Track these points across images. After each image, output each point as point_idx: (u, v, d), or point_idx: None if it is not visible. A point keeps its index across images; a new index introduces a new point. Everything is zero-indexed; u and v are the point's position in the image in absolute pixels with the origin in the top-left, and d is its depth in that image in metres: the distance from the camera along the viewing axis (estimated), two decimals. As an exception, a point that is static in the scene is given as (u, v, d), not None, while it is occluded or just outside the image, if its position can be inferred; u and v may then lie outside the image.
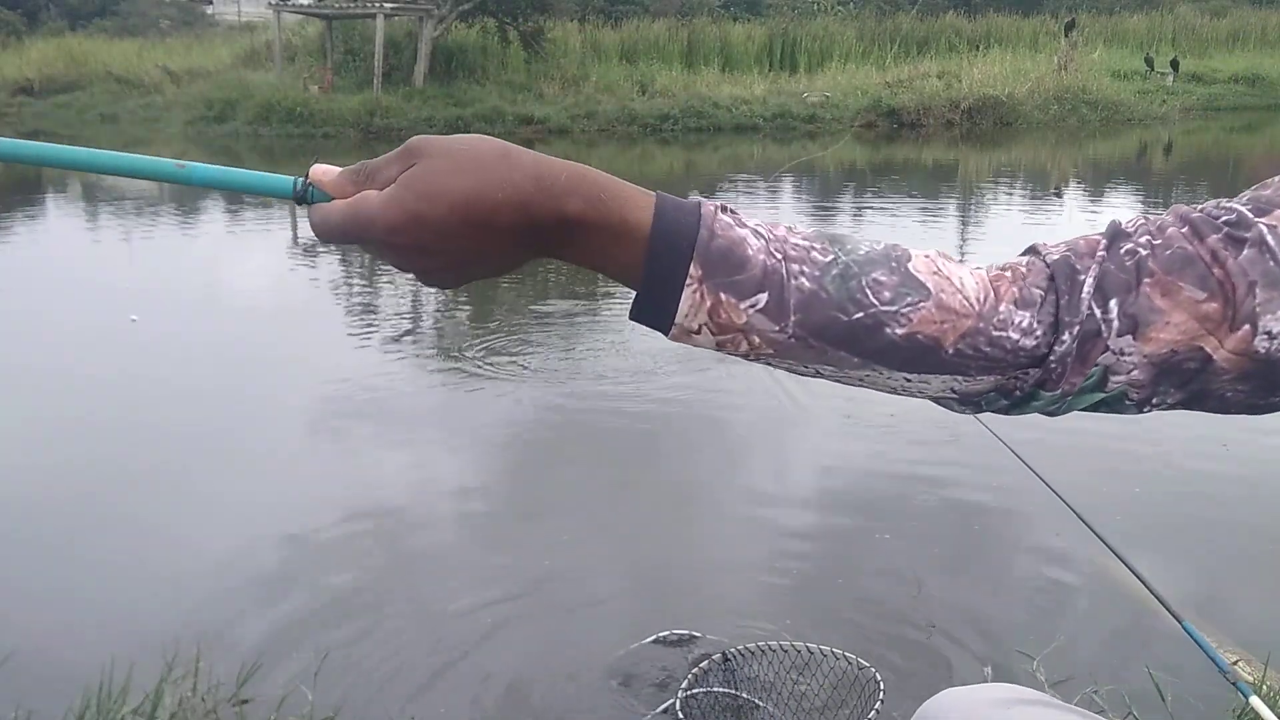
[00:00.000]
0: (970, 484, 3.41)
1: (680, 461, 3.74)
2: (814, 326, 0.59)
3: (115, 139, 15.43)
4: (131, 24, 26.16)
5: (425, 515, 3.26)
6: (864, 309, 0.59)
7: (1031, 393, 0.62)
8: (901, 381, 0.62)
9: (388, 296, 6.43)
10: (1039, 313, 0.61)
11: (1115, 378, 0.61)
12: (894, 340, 0.60)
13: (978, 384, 0.62)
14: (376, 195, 0.58)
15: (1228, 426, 3.96)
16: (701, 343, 0.61)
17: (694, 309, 0.59)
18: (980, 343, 0.61)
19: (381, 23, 15.83)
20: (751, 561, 2.98)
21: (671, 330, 0.61)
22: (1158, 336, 0.59)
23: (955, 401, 0.65)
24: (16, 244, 8.31)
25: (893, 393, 0.64)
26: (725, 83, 17.77)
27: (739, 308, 0.59)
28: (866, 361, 0.61)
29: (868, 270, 0.60)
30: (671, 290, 0.59)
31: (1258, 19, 23.33)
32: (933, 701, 0.93)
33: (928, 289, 0.60)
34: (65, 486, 3.54)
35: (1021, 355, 0.61)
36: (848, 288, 0.60)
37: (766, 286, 0.59)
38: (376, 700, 2.28)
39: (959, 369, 0.61)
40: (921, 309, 0.60)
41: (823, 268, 0.60)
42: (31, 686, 2.27)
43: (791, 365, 0.62)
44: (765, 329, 0.59)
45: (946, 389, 0.63)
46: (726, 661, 2.16)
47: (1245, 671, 2.29)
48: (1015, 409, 0.65)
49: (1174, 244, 0.60)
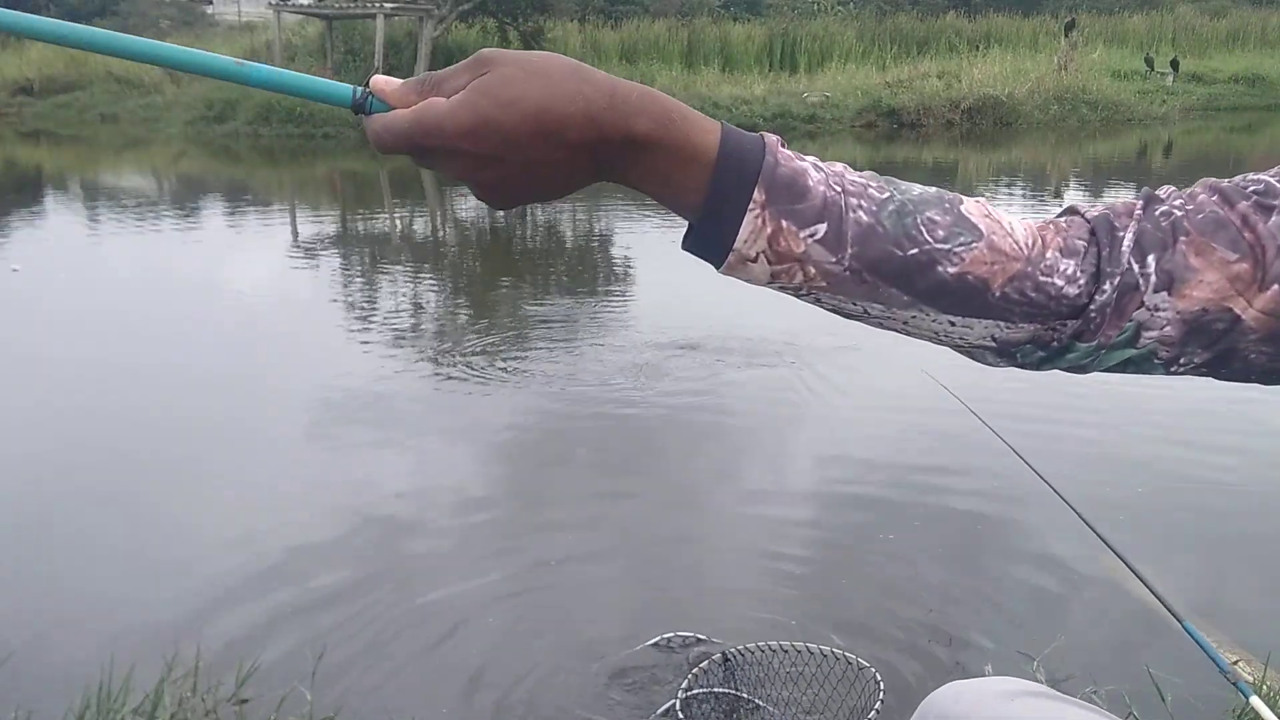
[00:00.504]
0: (970, 484, 3.41)
1: (681, 463, 3.74)
2: (869, 260, 0.60)
3: (115, 139, 15.43)
4: (131, 24, 26.15)
5: (425, 516, 3.25)
6: (919, 245, 0.61)
7: (1068, 345, 0.64)
8: (945, 325, 0.63)
9: (388, 297, 6.43)
10: (1082, 262, 0.63)
11: (1147, 334, 0.63)
12: (945, 279, 0.61)
13: (1017, 332, 0.64)
14: (445, 101, 0.57)
15: (1230, 427, 3.97)
16: (755, 273, 0.62)
17: (754, 235, 0.59)
18: (1027, 287, 0.62)
19: (381, 23, 15.83)
20: (752, 562, 2.98)
21: (728, 258, 0.61)
22: (1191, 294, 0.62)
23: (992, 352, 0.66)
24: (17, 244, 8.30)
25: (934, 339, 0.65)
26: (725, 83, 17.77)
27: (798, 236, 0.59)
28: (915, 301, 0.62)
29: (922, 209, 0.62)
30: (733, 215, 0.59)
31: (1258, 19, 23.34)
32: (939, 693, 0.93)
33: (980, 230, 0.62)
34: (65, 486, 3.54)
35: (1064, 303, 0.63)
36: (903, 224, 0.61)
37: (826, 217, 0.60)
38: (376, 700, 2.28)
39: (1003, 314, 0.63)
40: (974, 249, 0.61)
41: (879, 204, 0.61)
42: (31, 686, 2.27)
43: (840, 303, 0.63)
44: (822, 260, 0.60)
45: (988, 336, 0.64)
46: (726, 662, 2.16)
47: (1245, 671, 2.29)
48: (1049, 362, 0.66)
49: (1206, 209, 0.63)
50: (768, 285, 0.63)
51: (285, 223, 9.72)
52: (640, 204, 10.26)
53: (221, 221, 9.65)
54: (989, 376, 4.31)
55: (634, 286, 6.70)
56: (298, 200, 11.02)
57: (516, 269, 7.45)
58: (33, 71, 17.79)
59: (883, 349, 4.86)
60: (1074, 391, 4.32)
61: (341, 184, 12.13)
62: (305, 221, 9.58)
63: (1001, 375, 4.56)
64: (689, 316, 5.48)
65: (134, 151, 14.64)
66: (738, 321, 5.37)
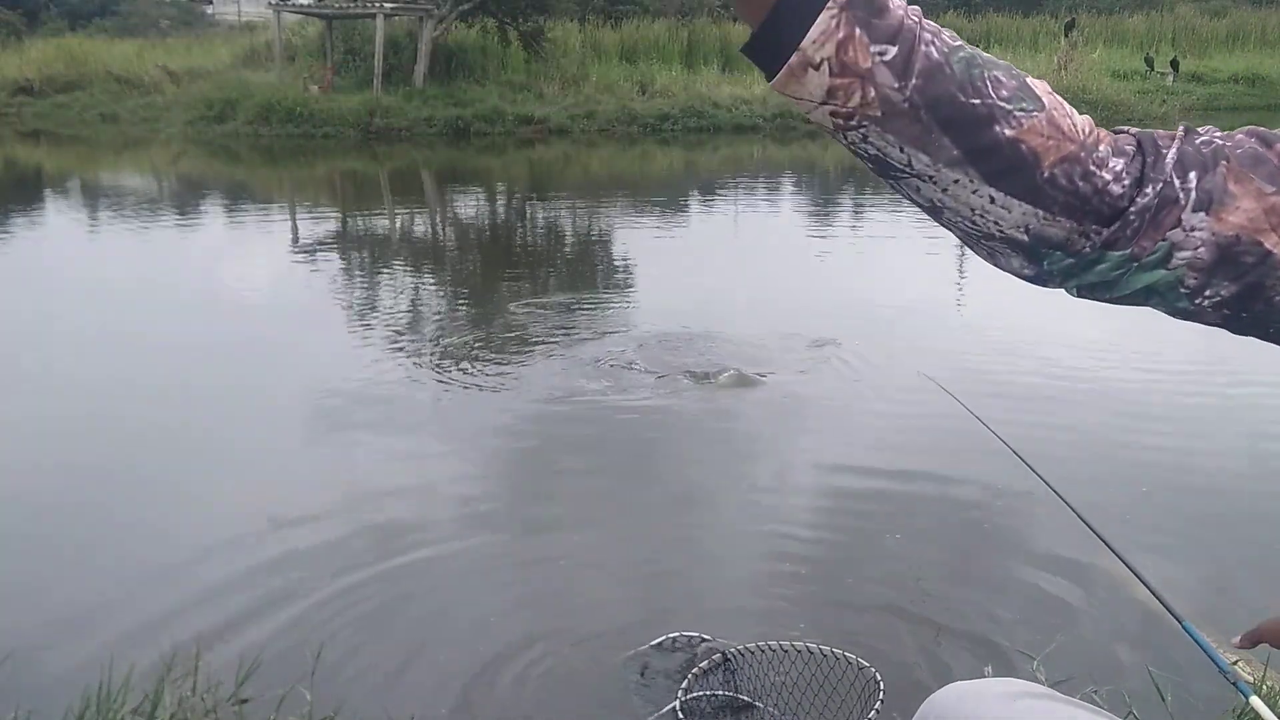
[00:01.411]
0: (971, 486, 3.41)
1: (682, 464, 3.73)
2: (931, 97, 0.59)
3: (115, 138, 15.43)
4: (131, 24, 26.18)
5: (425, 517, 3.25)
6: (982, 97, 0.60)
7: (1099, 254, 0.63)
8: (985, 201, 0.62)
9: (388, 297, 6.43)
10: (1129, 164, 0.63)
11: (1180, 254, 0.63)
12: (999, 141, 0.60)
13: (1054, 226, 0.63)
14: None
15: (1233, 429, 3.97)
16: (810, 86, 0.59)
17: (825, 36, 0.57)
18: (1075, 173, 0.62)
19: (381, 23, 15.83)
20: (753, 563, 2.98)
21: (789, 61, 0.58)
22: (1228, 219, 0.62)
23: (1022, 251, 0.65)
24: (16, 244, 8.30)
25: (968, 222, 0.64)
26: (725, 83, 17.77)
27: (868, 49, 0.58)
28: (964, 159, 0.61)
29: (991, 67, 0.61)
30: (809, 7, 0.57)
31: (1257, 19, 23.34)
32: (940, 694, 0.93)
33: (1043, 102, 0.62)
34: (65, 486, 3.54)
35: (1105, 201, 0.62)
36: (970, 73, 0.60)
37: (898, 41, 0.58)
38: (375, 700, 2.27)
39: (1045, 200, 0.62)
40: (1035, 117, 0.61)
41: (951, 48, 0.60)
42: (31, 686, 2.27)
43: (886, 146, 0.61)
44: (885, 82, 0.59)
45: (1023, 225, 0.63)
46: (727, 662, 2.16)
47: (1245, 671, 2.29)
48: (1076, 273, 0.65)
49: (1245, 145, 0.64)
50: (818, 107, 0.60)
51: (285, 223, 9.72)
52: (641, 204, 10.26)
53: (221, 222, 9.65)
54: (987, 376, 4.30)
55: (634, 287, 6.70)
56: (297, 200, 11.02)
57: (517, 269, 7.44)
58: (33, 71, 17.79)
59: (884, 351, 4.86)
60: (1076, 390, 4.32)
61: (341, 184, 12.13)
62: (305, 221, 9.57)
63: (1000, 373, 4.53)
64: (690, 316, 5.48)
65: (134, 151, 14.63)
66: (738, 322, 5.37)
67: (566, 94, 16.54)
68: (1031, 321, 5.44)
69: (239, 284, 6.82)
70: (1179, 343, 4.87)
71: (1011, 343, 5.00)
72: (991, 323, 5.55)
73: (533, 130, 15.33)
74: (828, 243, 8.44)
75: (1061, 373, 4.55)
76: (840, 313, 5.64)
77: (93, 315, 5.85)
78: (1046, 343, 4.98)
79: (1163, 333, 5.16)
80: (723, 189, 11.64)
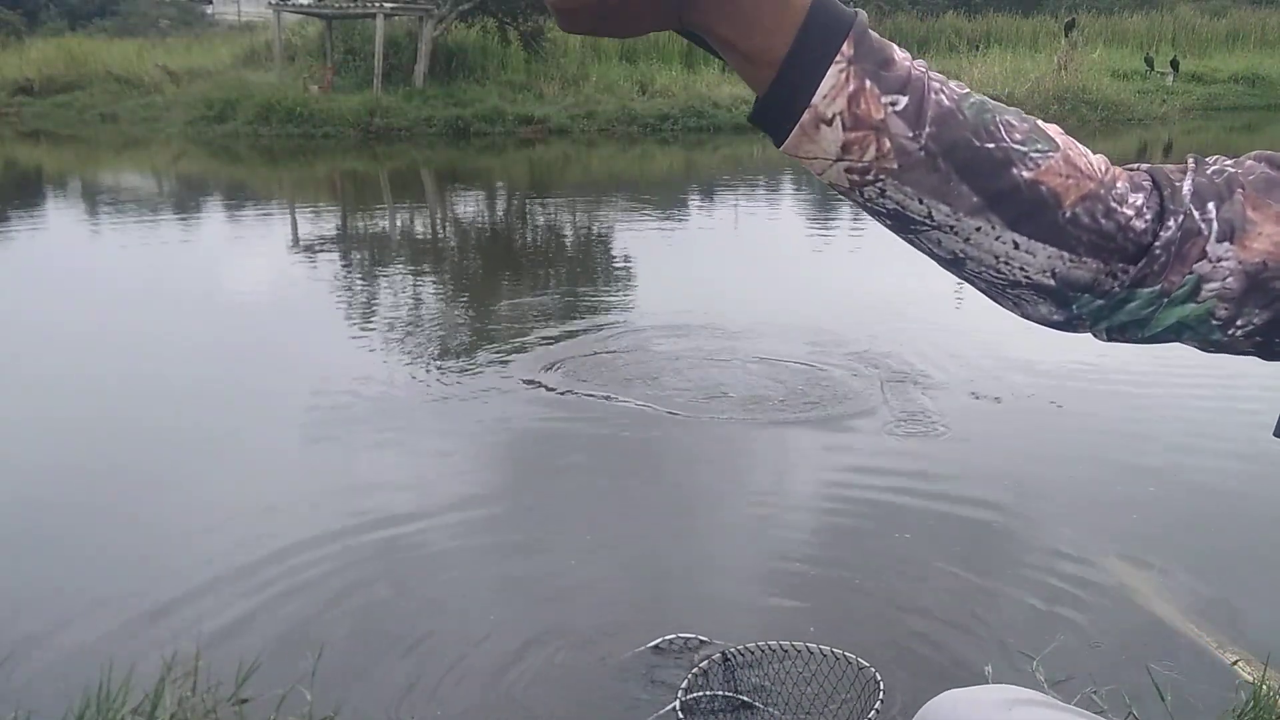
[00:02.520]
0: (971, 486, 3.40)
1: (682, 465, 3.73)
2: (947, 143, 0.59)
3: (115, 138, 15.43)
4: (131, 24, 26.18)
5: (425, 517, 3.25)
6: (996, 141, 0.60)
7: (1129, 293, 0.63)
8: (1009, 248, 0.61)
9: (388, 297, 6.43)
10: (1148, 199, 0.63)
11: (1208, 286, 0.62)
12: (1019, 184, 0.60)
13: (1080, 268, 0.62)
14: None
15: (1237, 434, 3.97)
16: (825, 143, 0.59)
17: (836, 91, 0.58)
18: (1098, 211, 0.61)
19: (381, 23, 15.83)
20: (753, 563, 2.98)
21: (800, 120, 0.58)
22: (1252, 246, 0.61)
23: (1050, 296, 0.64)
24: (16, 244, 8.30)
25: (992, 272, 0.63)
26: (725, 82, 17.75)
27: (880, 101, 0.58)
28: (985, 206, 0.60)
29: (1001, 112, 0.61)
30: (818, 64, 0.58)
31: (1257, 19, 23.34)
32: (934, 703, 0.93)
33: (1056, 143, 0.61)
34: (65, 486, 3.54)
35: (1130, 237, 0.62)
36: (982, 118, 0.60)
37: (908, 91, 0.58)
38: (375, 700, 2.28)
39: (1070, 241, 0.61)
40: (1051, 158, 0.61)
41: (960, 95, 0.60)
42: (31, 686, 2.27)
43: (905, 199, 0.60)
44: (900, 132, 0.58)
45: (1049, 269, 0.62)
46: (726, 662, 2.16)
47: (1245, 671, 2.29)
48: (1107, 314, 0.64)
49: (1256, 171, 0.64)
50: (832, 164, 0.60)
51: (285, 223, 9.72)
52: (640, 205, 10.27)
53: (221, 222, 9.65)
54: (989, 374, 4.29)
55: (635, 285, 6.69)
56: (297, 200, 11.02)
57: (517, 269, 7.44)
58: (33, 71, 17.81)
59: (886, 347, 4.86)
60: (1080, 388, 4.32)
61: (341, 184, 12.13)
62: (305, 222, 9.57)
63: (1001, 372, 4.53)
64: (692, 317, 5.48)
65: (134, 151, 14.63)
66: (738, 318, 5.37)
67: (566, 94, 16.54)
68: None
69: (238, 284, 6.82)
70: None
71: (1012, 341, 5.00)
72: (994, 319, 5.55)
73: (533, 130, 15.33)
74: (824, 243, 8.45)
75: (1067, 369, 4.55)
76: (840, 310, 5.64)
77: (92, 315, 5.85)
78: (1049, 340, 4.98)
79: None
80: (723, 189, 11.64)
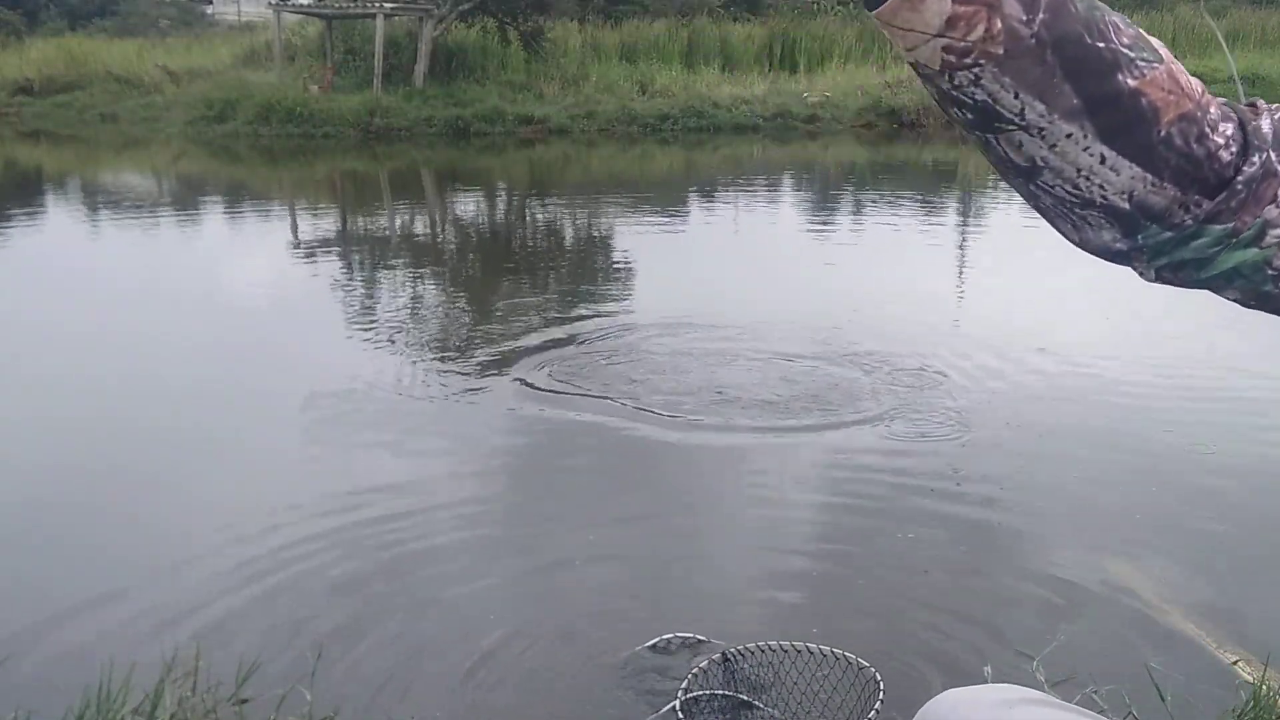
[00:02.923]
0: (972, 486, 3.40)
1: (683, 465, 3.73)
2: (1059, 34, 0.56)
3: (115, 138, 15.42)
4: (131, 24, 26.17)
5: (426, 516, 3.25)
6: (1106, 41, 0.57)
7: (1198, 229, 0.61)
8: (1094, 161, 0.59)
9: (388, 297, 6.42)
10: (1236, 130, 0.62)
11: (1273, 232, 0.61)
12: (1121, 91, 0.58)
13: (1159, 194, 0.60)
14: None
15: (1241, 432, 3.97)
16: (929, 14, 0.55)
17: None
18: (1191, 135, 0.60)
19: (381, 23, 15.83)
20: (753, 564, 2.98)
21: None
22: None
23: (1121, 221, 0.62)
24: (16, 244, 8.30)
25: (1068, 188, 0.61)
26: (725, 83, 17.76)
27: None
28: (1082, 111, 0.58)
29: (1108, 12, 0.59)
30: None
31: (1257, 19, 23.33)
32: (935, 702, 0.93)
33: (1161, 55, 0.60)
34: (65, 486, 3.54)
35: (1214, 169, 0.60)
36: (1093, 15, 0.58)
37: None
38: (375, 700, 2.28)
39: (1157, 162, 0.60)
40: (1156, 69, 0.59)
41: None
42: (31, 686, 2.27)
43: (998, 92, 0.57)
44: (1013, 14, 0.55)
45: (1129, 190, 0.60)
46: (726, 662, 2.16)
47: (1245, 671, 2.29)
48: (1170, 249, 0.62)
49: None
50: (929, 40, 0.56)
51: (285, 223, 9.72)
52: (640, 205, 10.26)
53: (221, 222, 9.65)
54: (993, 372, 4.29)
55: (635, 287, 6.69)
56: (297, 200, 11.02)
57: (517, 268, 7.44)
58: (33, 71, 17.80)
59: (888, 344, 4.86)
60: (1081, 388, 4.32)
61: (341, 184, 12.13)
62: (305, 222, 9.57)
63: (1005, 370, 4.52)
64: (692, 317, 5.48)
65: (134, 151, 14.63)
66: (737, 316, 5.37)
67: (566, 94, 16.54)
68: (1036, 317, 5.44)
69: (238, 284, 6.82)
70: (1182, 338, 4.87)
71: (1012, 341, 5.00)
72: (996, 319, 5.55)
73: (533, 130, 15.33)
74: (823, 243, 8.45)
75: (1068, 369, 4.55)
76: (840, 311, 5.63)
77: (91, 315, 5.85)
78: (1051, 340, 4.98)
79: (1165, 333, 5.17)
80: (723, 188, 11.64)
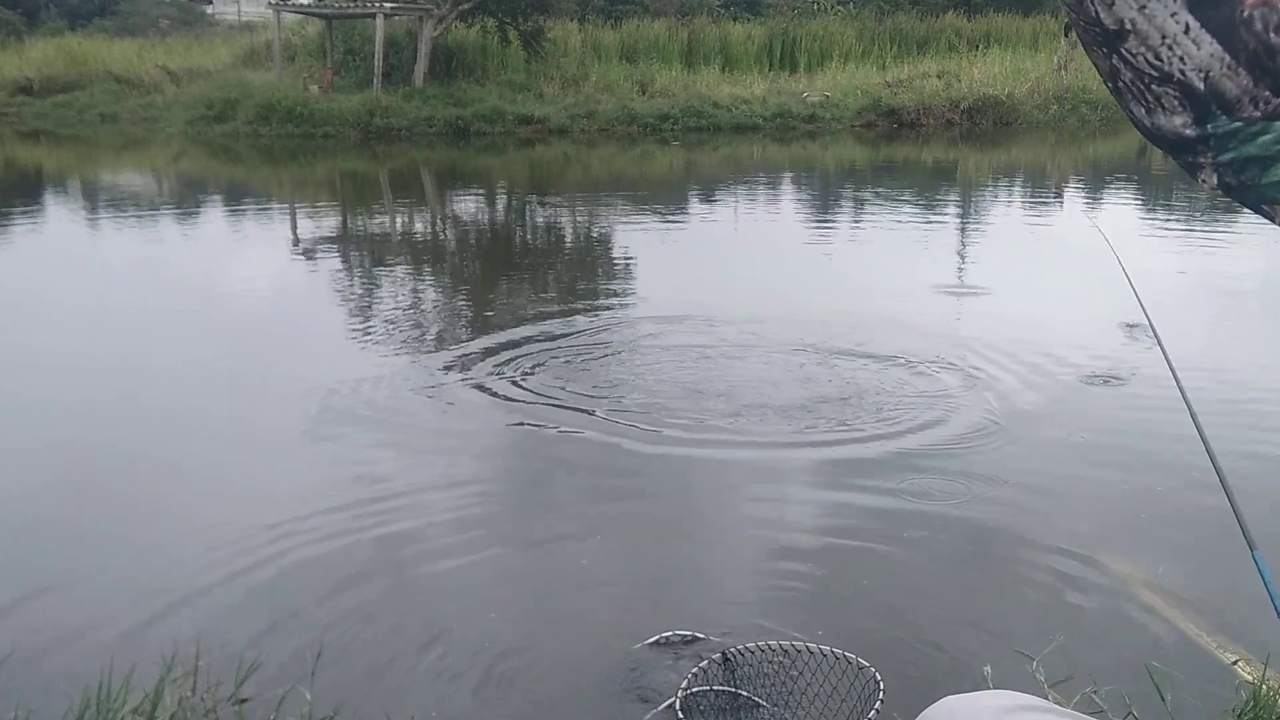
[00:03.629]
0: (971, 488, 3.40)
1: (683, 464, 3.73)
2: None
3: (115, 138, 15.42)
4: (131, 24, 26.17)
5: (426, 517, 3.25)
6: None
7: (1264, 126, 0.62)
8: (1179, 30, 0.61)
9: (388, 297, 6.42)
10: None
11: None
12: None
13: (1231, 79, 0.62)
14: None
15: (1241, 433, 3.97)
16: None
17: None
18: (1272, 22, 0.60)
19: (381, 22, 15.84)
20: (753, 564, 2.98)
21: None
22: None
23: (1194, 101, 0.63)
24: (17, 244, 8.30)
25: (1150, 57, 0.62)
26: (725, 82, 17.78)
27: None
28: None
29: None
30: None
31: (1257, 19, 23.31)
32: (933, 709, 0.93)
33: None
34: (65, 486, 3.53)
35: None
36: None
37: None
38: (375, 700, 2.28)
39: (1236, 43, 0.61)
40: None
41: None
42: (31, 686, 2.27)
43: None
44: None
45: (1206, 69, 0.61)
46: (727, 661, 2.16)
47: (1245, 671, 2.29)
48: (1236, 144, 0.63)
49: None
50: None
51: (285, 222, 9.71)
52: (640, 205, 10.26)
53: (221, 221, 9.65)
54: (1000, 370, 4.25)
55: (636, 286, 6.69)
56: (297, 200, 11.02)
57: (517, 269, 7.44)
58: (33, 71, 17.82)
59: (885, 343, 4.86)
60: (1084, 387, 4.32)
61: (341, 184, 12.12)
62: (305, 222, 9.57)
63: (1014, 369, 4.50)
64: (693, 317, 5.48)
65: (134, 151, 14.63)
66: (737, 315, 5.37)
67: (566, 94, 16.55)
68: (1036, 318, 5.44)
69: (238, 284, 6.82)
70: (1198, 347, 4.86)
71: (1012, 342, 5.00)
72: (996, 320, 5.55)
73: (533, 130, 15.34)
74: (824, 243, 8.45)
75: (1064, 372, 4.55)
76: (841, 310, 5.63)
77: (92, 312, 5.85)
78: (1051, 342, 4.98)
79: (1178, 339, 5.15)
80: (722, 188, 11.64)
